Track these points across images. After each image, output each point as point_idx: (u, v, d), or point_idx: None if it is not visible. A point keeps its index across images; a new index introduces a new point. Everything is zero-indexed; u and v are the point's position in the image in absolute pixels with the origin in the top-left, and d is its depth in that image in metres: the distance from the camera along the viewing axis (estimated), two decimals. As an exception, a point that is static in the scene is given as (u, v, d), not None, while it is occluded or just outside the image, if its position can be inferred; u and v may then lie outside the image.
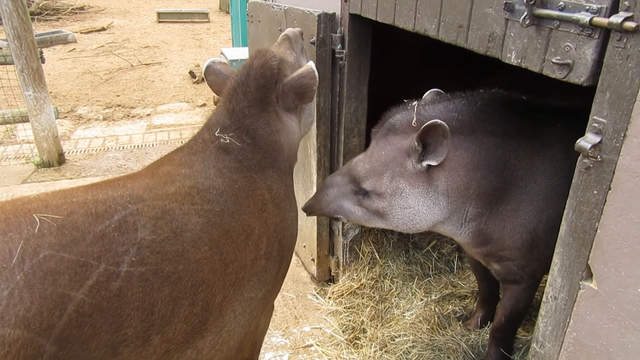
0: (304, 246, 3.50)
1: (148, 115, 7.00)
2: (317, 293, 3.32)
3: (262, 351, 2.79)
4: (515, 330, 2.48)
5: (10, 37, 4.55)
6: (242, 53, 6.34)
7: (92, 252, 1.20)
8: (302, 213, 2.30)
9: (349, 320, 2.96)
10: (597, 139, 1.29)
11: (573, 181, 1.41)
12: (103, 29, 11.72)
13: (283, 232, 1.84)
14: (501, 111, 2.04)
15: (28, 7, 4.69)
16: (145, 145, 5.96)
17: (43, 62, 4.84)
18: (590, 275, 1.42)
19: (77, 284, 1.15)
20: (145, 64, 9.25)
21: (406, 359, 2.64)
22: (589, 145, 1.30)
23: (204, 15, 13.38)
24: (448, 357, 2.63)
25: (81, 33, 11.20)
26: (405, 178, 1.97)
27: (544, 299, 1.60)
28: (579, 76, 1.34)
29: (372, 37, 2.69)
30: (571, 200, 1.43)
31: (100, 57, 9.57)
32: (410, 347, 2.69)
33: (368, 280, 3.20)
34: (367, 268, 3.28)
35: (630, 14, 1.17)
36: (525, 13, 1.42)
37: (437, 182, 1.96)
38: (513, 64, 1.56)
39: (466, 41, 1.74)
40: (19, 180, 4.93)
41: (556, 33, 1.38)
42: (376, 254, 3.36)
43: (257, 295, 1.69)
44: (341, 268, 3.30)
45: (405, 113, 2.04)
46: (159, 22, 12.83)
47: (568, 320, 1.51)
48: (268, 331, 2.91)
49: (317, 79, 1.93)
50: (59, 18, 12.57)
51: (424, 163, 1.92)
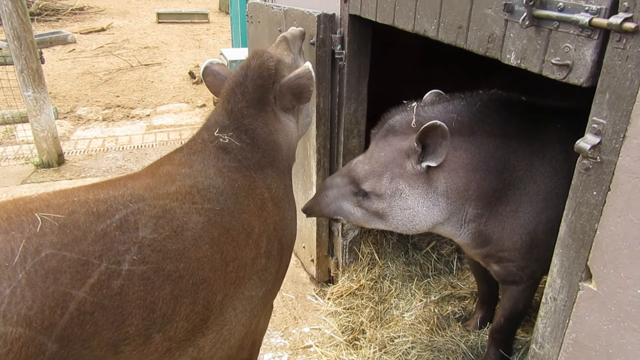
0: (304, 247, 3.50)
1: (148, 115, 6.99)
2: (317, 294, 3.32)
3: (262, 352, 2.79)
4: (514, 331, 2.48)
5: (10, 38, 4.56)
6: (242, 54, 6.33)
7: (94, 251, 1.21)
8: (302, 214, 2.30)
9: (349, 321, 2.96)
10: (597, 140, 1.29)
11: (572, 182, 1.41)
12: (103, 30, 11.72)
13: (282, 231, 1.84)
14: (500, 112, 2.04)
15: (28, 8, 4.69)
16: (144, 145, 5.96)
17: (43, 63, 4.84)
18: (589, 276, 1.42)
19: (79, 283, 1.16)
20: (144, 65, 9.25)
21: (405, 360, 2.64)
22: (589, 146, 1.30)
23: (204, 15, 13.39)
24: (447, 358, 2.63)
25: (81, 34, 11.20)
26: (404, 179, 1.97)
27: (543, 300, 1.60)
28: (579, 77, 1.34)
29: (372, 38, 2.69)
30: (571, 201, 1.43)
31: (99, 58, 9.57)
32: (409, 348, 2.68)
33: (367, 281, 3.20)
34: (367, 269, 3.27)
35: (629, 15, 1.17)
36: (524, 14, 1.42)
37: (437, 183, 1.96)
38: (512, 65, 1.56)
39: (466, 42, 1.74)
40: (19, 180, 4.93)
41: (555, 34, 1.38)
42: (375, 255, 3.36)
43: (258, 293, 1.70)
44: (340, 269, 3.29)
45: (404, 114, 2.04)
46: (159, 23, 12.84)
47: (567, 321, 1.51)
48: (267, 332, 2.91)
49: (314, 80, 1.94)
50: (59, 19, 12.58)
51: (424, 164, 1.92)
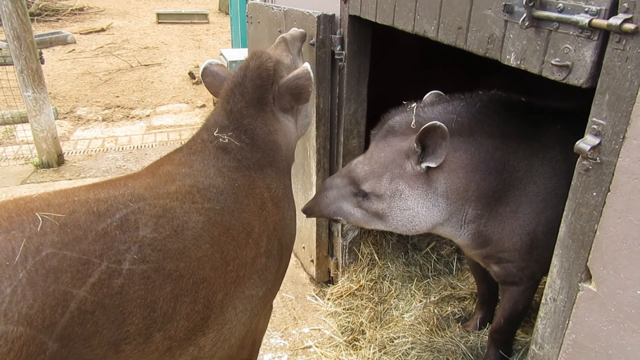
0: (303, 247, 3.50)
1: (147, 116, 6.99)
2: (316, 294, 3.31)
3: (261, 352, 2.79)
4: (514, 331, 2.47)
5: (9, 38, 4.56)
6: (242, 54, 6.33)
7: (94, 250, 1.21)
8: (302, 214, 2.30)
9: (348, 321, 2.96)
10: (596, 141, 1.29)
11: (572, 183, 1.41)
12: (102, 30, 11.72)
13: (282, 231, 1.84)
14: (500, 113, 2.04)
15: (28, 8, 4.69)
16: (144, 146, 5.95)
17: (42, 63, 4.84)
18: (589, 277, 1.42)
19: (80, 282, 1.16)
20: (144, 65, 9.25)
21: (405, 361, 2.64)
22: (588, 147, 1.30)
23: (204, 16, 13.39)
24: (447, 359, 2.63)
25: (80, 34, 11.20)
26: (404, 180, 1.97)
27: (543, 301, 1.60)
28: (578, 78, 1.34)
29: (372, 38, 2.69)
30: (570, 202, 1.43)
31: (99, 58, 9.57)
32: (409, 349, 2.68)
33: (367, 281, 3.20)
34: (366, 269, 3.27)
35: (629, 16, 1.17)
36: (524, 15, 1.42)
37: (436, 184, 1.96)
38: (512, 66, 1.56)
39: (465, 43, 1.74)
40: (18, 181, 4.93)
41: (555, 35, 1.38)
42: (375, 256, 3.36)
43: (258, 293, 1.70)
44: (340, 269, 3.29)
45: (404, 115, 2.04)
46: (159, 23, 12.84)
47: (567, 322, 1.51)
48: (267, 332, 2.91)
49: (313, 80, 1.94)
50: (59, 19, 12.58)
51: (423, 165, 1.92)
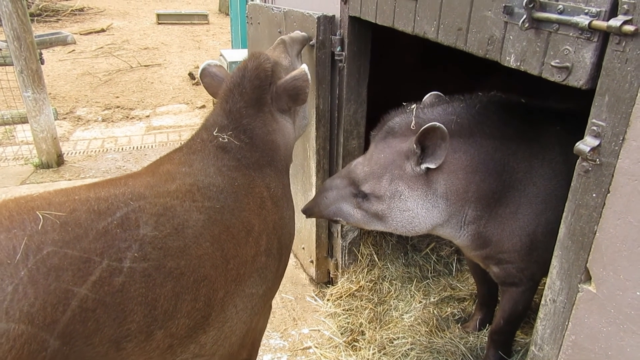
0: (303, 248, 3.50)
1: (147, 116, 6.99)
2: (316, 295, 3.31)
3: (261, 353, 2.78)
4: (513, 333, 2.47)
5: (9, 39, 4.56)
6: (242, 55, 6.33)
7: (95, 249, 1.22)
8: (301, 215, 2.30)
9: (348, 322, 2.96)
10: (596, 142, 1.29)
11: (572, 184, 1.41)
12: (102, 31, 11.72)
13: (281, 230, 1.85)
14: (500, 114, 2.04)
15: (28, 9, 4.69)
16: (144, 146, 5.95)
17: (42, 64, 4.84)
18: (589, 278, 1.42)
19: (81, 280, 1.16)
20: (144, 66, 9.25)
21: (405, 362, 2.64)
22: (588, 148, 1.30)
23: (204, 17, 13.39)
24: (447, 360, 2.63)
25: (80, 34, 11.20)
26: (404, 181, 1.97)
27: (543, 302, 1.60)
28: (578, 79, 1.34)
29: (372, 39, 2.69)
30: (570, 203, 1.43)
31: (99, 59, 9.57)
32: (408, 350, 2.68)
33: (367, 282, 3.20)
34: (366, 270, 3.27)
35: (629, 18, 1.17)
36: (524, 16, 1.42)
37: (436, 185, 1.97)
38: (512, 67, 1.56)
39: (465, 44, 1.74)
40: (18, 181, 4.93)
41: (555, 36, 1.38)
42: (375, 256, 3.36)
43: (258, 291, 1.71)
44: (340, 270, 3.29)
45: (404, 116, 2.04)
46: (159, 24, 12.84)
47: (567, 323, 1.51)
48: (266, 333, 2.91)
49: (310, 82, 1.96)
50: (59, 19, 12.58)
51: (423, 166, 1.92)
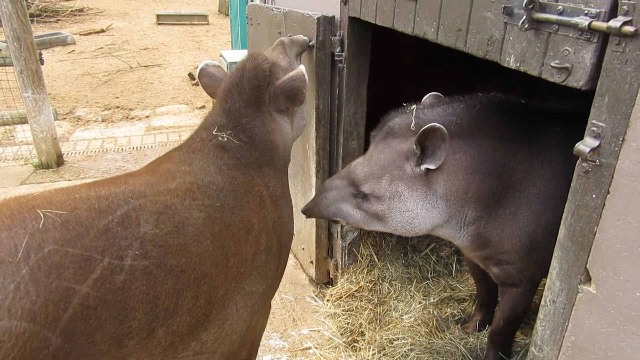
0: (303, 249, 3.50)
1: (147, 117, 6.99)
2: (316, 296, 3.31)
3: (260, 353, 2.78)
4: (513, 333, 2.47)
5: (9, 39, 4.55)
6: (242, 56, 6.30)
7: (96, 247, 1.22)
8: (301, 215, 2.30)
9: (348, 323, 2.96)
10: (596, 143, 1.29)
11: (572, 185, 1.41)
12: (102, 31, 11.72)
13: (281, 229, 1.86)
14: (500, 115, 2.04)
15: (27, 9, 4.69)
16: (144, 147, 5.95)
17: (42, 64, 4.84)
18: (588, 279, 1.42)
19: (82, 278, 1.17)
20: (144, 66, 9.25)
21: (404, 362, 2.63)
22: (588, 149, 1.30)
23: (203, 17, 13.39)
24: (446, 361, 2.63)
25: (80, 35, 11.20)
26: (404, 181, 1.97)
27: (543, 303, 1.60)
28: (578, 80, 1.34)
29: (372, 40, 2.69)
30: (570, 204, 1.43)
31: (99, 59, 9.57)
32: (408, 350, 2.68)
33: (367, 283, 3.20)
34: (366, 271, 3.27)
35: (629, 18, 1.17)
36: (524, 17, 1.43)
37: (436, 186, 1.96)
38: (512, 68, 1.56)
39: (465, 45, 1.74)
40: (18, 181, 4.92)
41: (555, 37, 1.38)
42: (375, 257, 3.36)
43: (258, 289, 1.72)
44: (340, 271, 3.29)
45: (404, 116, 2.04)
46: (158, 24, 12.84)
47: (566, 324, 1.51)
48: (266, 333, 2.91)
49: (307, 82, 1.98)
50: (58, 20, 12.58)
51: (423, 166, 1.92)
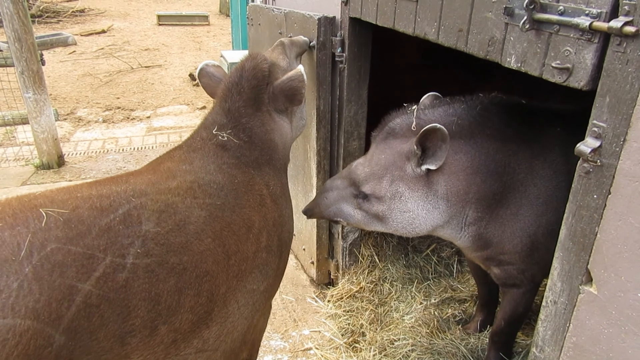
0: (304, 249, 3.49)
1: (148, 117, 6.99)
2: (317, 296, 3.31)
3: (261, 354, 2.78)
4: (514, 334, 2.47)
5: (10, 40, 4.56)
6: (242, 56, 6.32)
7: (98, 245, 1.23)
8: (302, 216, 2.30)
9: (348, 323, 2.96)
10: (597, 144, 1.29)
11: (573, 185, 1.41)
12: (103, 32, 11.73)
13: (281, 228, 1.87)
14: (501, 115, 2.04)
15: (29, 10, 4.69)
16: (145, 147, 5.96)
17: (43, 65, 4.84)
18: (590, 279, 1.42)
19: (85, 276, 1.17)
20: (145, 67, 9.26)
21: (405, 363, 2.63)
22: (589, 149, 1.30)
23: (204, 18, 13.40)
24: (447, 361, 2.62)
25: (81, 35, 11.21)
26: (404, 182, 1.97)
27: (544, 303, 1.59)
28: (579, 80, 1.34)
29: (372, 40, 2.69)
30: (571, 204, 1.43)
31: (100, 60, 9.58)
32: (409, 351, 2.68)
33: (367, 283, 3.20)
34: (367, 271, 3.27)
35: (630, 19, 1.17)
36: (525, 17, 1.43)
37: (437, 186, 1.96)
38: (513, 68, 1.56)
39: (466, 45, 1.74)
40: (19, 182, 4.93)
41: (556, 37, 1.38)
42: (376, 258, 3.36)
43: (259, 287, 1.72)
44: (340, 271, 3.29)
45: (405, 117, 2.04)
46: (159, 25, 12.85)
47: (568, 324, 1.51)
48: (267, 334, 2.91)
49: (306, 82, 1.98)
50: (59, 20, 12.59)
51: (424, 167, 1.92)
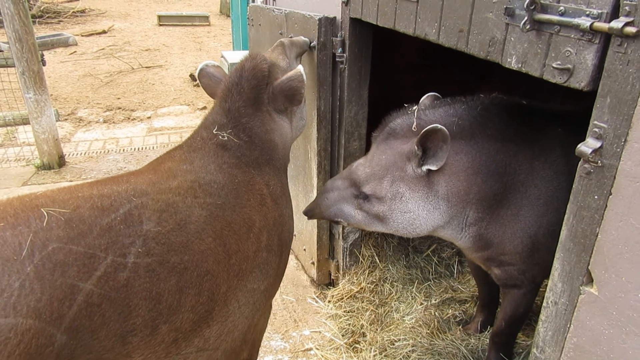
0: (304, 249, 3.49)
1: (148, 118, 7.00)
2: (317, 297, 3.31)
3: (262, 354, 2.78)
4: (515, 335, 2.47)
5: (11, 40, 4.57)
6: (243, 57, 6.32)
7: (100, 244, 1.23)
8: (303, 216, 2.30)
9: (349, 324, 2.96)
10: (598, 144, 1.29)
11: (574, 186, 1.41)
12: (104, 32, 11.75)
13: (281, 227, 1.87)
14: (501, 116, 2.04)
15: (29, 10, 4.70)
16: (145, 148, 5.96)
17: (44, 65, 4.85)
18: (590, 280, 1.42)
19: (86, 275, 1.18)
20: (145, 67, 9.26)
21: (406, 364, 2.63)
22: (590, 150, 1.30)
23: (205, 18, 13.41)
24: (448, 362, 2.62)
25: (82, 36, 11.22)
26: (405, 182, 1.97)
27: (545, 304, 1.59)
28: (580, 81, 1.34)
29: (373, 41, 2.69)
30: (572, 205, 1.42)
31: (101, 60, 9.58)
32: (410, 352, 2.68)
33: (368, 284, 3.20)
34: (367, 272, 3.27)
35: (630, 19, 1.17)
36: (525, 18, 1.42)
37: (437, 187, 1.96)
38: (513, 69, 1.56)
39: (467, 45, 1.74)
40: (19, 182, 4.93)
41: (556, 38, 1.38)
42: (376, 258, 3.35)
43: (260, 287, 1.73)
44: (341, 272, 3.29)
45: (405, 117, 2.04)
46: (160, 25, 12.86)
47: (568, 325, 1.50)
48: (267, 334, 2.91)
49: (305, 82, 1.99)
50: (60, 21, 12.60)
51: (424, 167, 1.92)
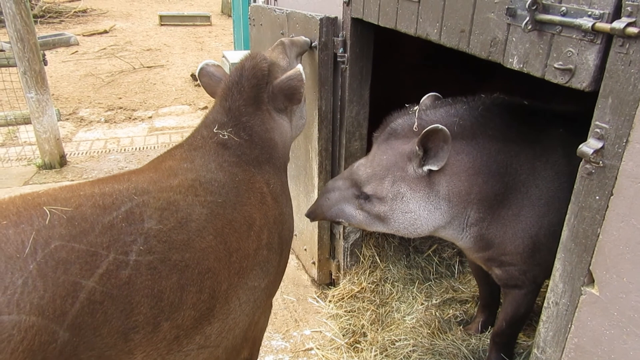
0: (305, 249, 3.50)
1: (150, 117, 7.00)
2: (318, 296, 3.31)
3: (262, 354, 2.78)
4: (516, 335, 2.47)
5: (13, 40, 4.57)
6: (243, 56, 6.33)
7: (101, 242, 1.24)
8: (303, 216, 2.30)
9: (350, 323, 2.96)
10: (600, 145, 1.29)
11: (575, 186, 1.40)
12: (105, 32, 11.76)
13: (282, 225, 1.88)
14: (503, 116, 2.04)
15: (31, 10, 4.70)
16: (146, 147, 5.96)
17: (45, 65, 4.85)
18: (592, 281, 1.42)
19: (88, 273, 1.19)
20: (147, 67, 9.27)
21: (407, 364, 2.63)
22: (591, 150, 1.30)
23: (206, 18, 13.42)
24: (449, 362, 2.62)
25: (84, 36, 11.23)
26: (406, 182, 1.97)
27: (546, 304, 1.59)
28: (581, 82, 1.34)
29: (374, 41, 2.69)
30: (573, 205, 1.42)
31: (102, 60, 9.59)
32: (410, 352, 2.68)
33: (369, 284, 3.20)
34: (368, 272, 3.27)
35: (632, 20, 1.17)
36: (527, 18, 1.42)
37: (439, 187, 1.96)
38: (515, 69, 1.56)
39: (468, 46, 1.74)
40: (21, 182, 4.94)
41: (558, 38, 1.38)
42: (377, 258, 3.35)
43: (260, 284, 1.73)
44: (342, 271, 3.29)
45: (406, 117, 2.04)
46: (161, 25, 12.87)
47: (569, 326, 1.50)
48: (268, 334, 2.91)
49: (304, 82, 2.00)
50: (62, 21, 12.62)
51: (425, 168, 1.92)
